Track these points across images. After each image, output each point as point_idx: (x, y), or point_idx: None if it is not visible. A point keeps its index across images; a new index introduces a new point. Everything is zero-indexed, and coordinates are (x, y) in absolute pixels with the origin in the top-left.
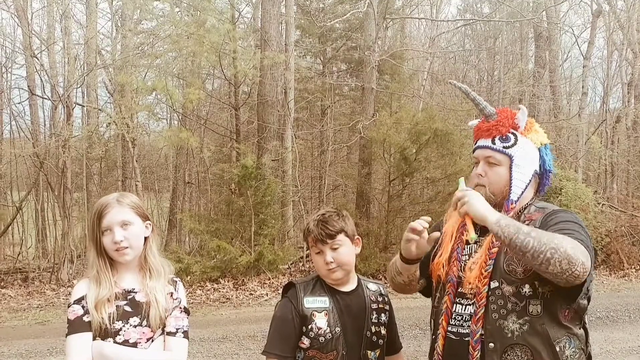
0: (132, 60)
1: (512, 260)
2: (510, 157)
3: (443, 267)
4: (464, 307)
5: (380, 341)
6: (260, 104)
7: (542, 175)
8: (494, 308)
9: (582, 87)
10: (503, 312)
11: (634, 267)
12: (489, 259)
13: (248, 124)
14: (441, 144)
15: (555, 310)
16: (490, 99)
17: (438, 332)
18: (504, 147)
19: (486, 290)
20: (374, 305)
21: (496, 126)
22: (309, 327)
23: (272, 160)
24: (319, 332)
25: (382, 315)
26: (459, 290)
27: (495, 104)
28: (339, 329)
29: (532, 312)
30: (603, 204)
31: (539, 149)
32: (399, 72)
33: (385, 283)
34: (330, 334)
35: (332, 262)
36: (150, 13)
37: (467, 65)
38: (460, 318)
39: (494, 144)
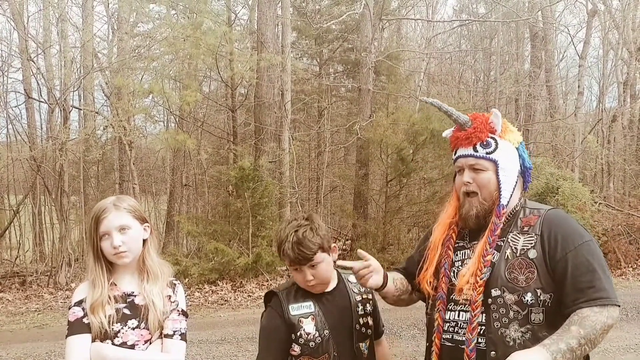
0: (129, 63)
1: (514, 268)
2: (495, 162)
3: (428, 282)
4: (457, 313)
5: (369, 331)
6: (257, 106)
7: (523, 173)
8: (495, 317)
9: (578, 86)
10: (505, 321)
11: (631, 266)
12: (484, 267)
13: (245, 125)
14: (438, 145)
15: (556, 317)
16: (487, 100)
17: (432, 347)
18: (487, 153)
19: (481, 298)
20: (358, 297)
21: (475, 133)
22: (298, 334)
23: (270, 162)
24: (309, 337)
25: (367, 305)
26: (451, 297)
27: (491, 105)
28: (327, 331)
29: (534, 320)
30: (600, 203)
31: (517, 148)
32: (395, 73)
33: None
34: (320, 338)
35: (312, 279)
36: (146, 16)
37: (463, 65)
38: (455, 325)
39: (477, 151)
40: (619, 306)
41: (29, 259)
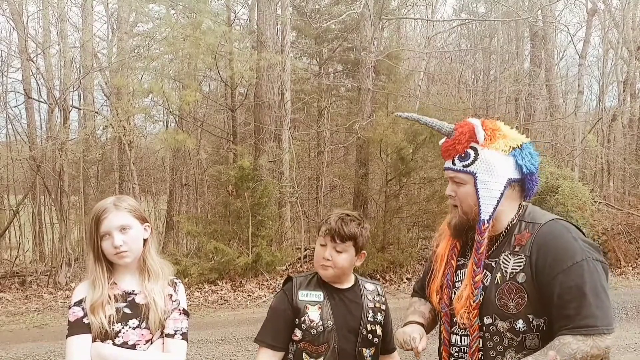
0: (129, 63)
1: (504, 294)
2: (472, 174)
3: (437, 294)
4: (459, 337)
5: (376, 340)
6: (256, 106)
7: (523, 180)
8: (490, 345)
9: (578, 85)
10: (500, 349)
11: (631, 265)
12: (474, 289)
13: (245, 125)
14: (438, 144)
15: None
16: (487, 99)
17: None
18: (464, 167)
19: (477, 322)
20: (371, 304)
21: (453, 145)
22: (302, 319)
23: (269, 161)
24: (311, 324)
25: (379, 314)
26: (454, 319)
27: (491, 104)
28: (331, 322)
29: (530, 346)
30: (600, 202)
31: (513, 155)
32: (395, 73)
33: (384, 284)
34: (322, 327)
35: (329, 260)
36: (146, 15)
37: (463, 64)
38: (458, 350)
39: (454, 164)
40: (609, 334)
41: (28, 259)
